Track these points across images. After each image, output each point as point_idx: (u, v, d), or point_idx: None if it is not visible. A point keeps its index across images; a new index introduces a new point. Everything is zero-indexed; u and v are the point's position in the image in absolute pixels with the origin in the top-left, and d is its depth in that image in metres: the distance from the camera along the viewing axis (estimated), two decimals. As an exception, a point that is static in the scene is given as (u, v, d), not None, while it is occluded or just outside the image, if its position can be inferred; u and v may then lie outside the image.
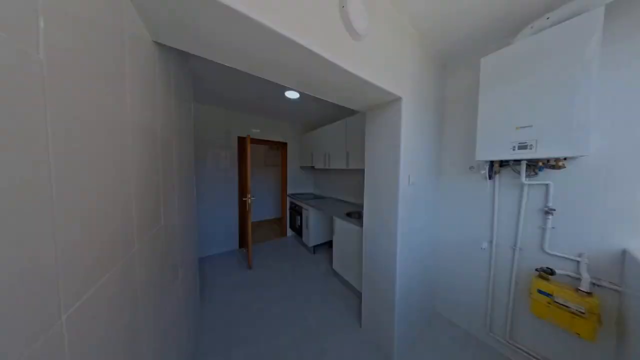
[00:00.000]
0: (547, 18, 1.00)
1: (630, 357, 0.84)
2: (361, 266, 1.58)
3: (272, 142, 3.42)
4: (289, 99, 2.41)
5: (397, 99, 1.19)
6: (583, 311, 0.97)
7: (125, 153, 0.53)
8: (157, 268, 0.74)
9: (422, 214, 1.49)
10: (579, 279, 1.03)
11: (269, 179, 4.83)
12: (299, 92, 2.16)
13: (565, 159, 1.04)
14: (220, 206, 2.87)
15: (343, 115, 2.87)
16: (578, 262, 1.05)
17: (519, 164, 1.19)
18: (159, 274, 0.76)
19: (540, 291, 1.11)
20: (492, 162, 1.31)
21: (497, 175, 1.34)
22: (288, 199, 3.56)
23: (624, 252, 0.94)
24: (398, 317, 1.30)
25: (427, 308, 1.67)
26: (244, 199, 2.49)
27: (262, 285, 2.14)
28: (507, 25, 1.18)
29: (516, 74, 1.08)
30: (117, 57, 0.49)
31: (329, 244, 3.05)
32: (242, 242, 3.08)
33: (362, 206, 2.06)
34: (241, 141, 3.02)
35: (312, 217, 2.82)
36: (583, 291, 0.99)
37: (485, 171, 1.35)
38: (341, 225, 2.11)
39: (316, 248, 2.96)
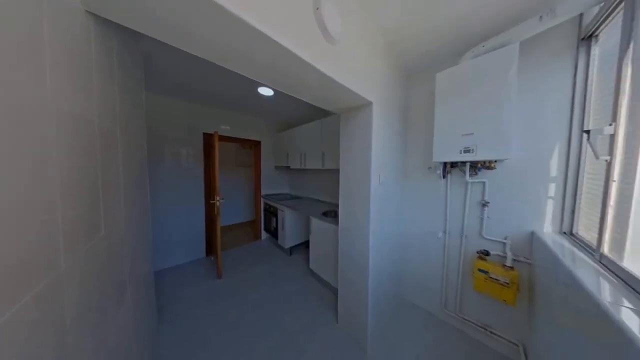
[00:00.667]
0: (483, 46, 1.23)
1: (536, 313, 1.10)
2: (337, 264, 1.63)
3: (244, 140, 3.22)
4: (263, 95, 2.31)
5: (369, 104, 1.28)
6: (508, 282, 1.22)
7: (46, 146, 0.42)
8: (95, 288, 0.62)
9: (390, 211, 1.63)
10: (505, 257, 1.29)
11: (240, 180, 4.52)
12: (273, 90, 2.09)
13: (495, 161, 1.29)
14: (183, 210, 2.56)
15: (319, 116, 2.91)
16: (504, 243, 1.32)
17: (465, 165, 1.42)
18: (98, 295, 0.63)
19: (480, 270, 1.35)
20: (445, 164, 1.52)
21: (449, 175, 1.56)
22: (262, 200, 3.41)
23: (532, 233, 1.22)
24: (371, 309, 1.40)
25: (395, 296, 1.83)
26: (212, 201, 2.27)
27: (234, 293, 2.00)
28: (455, 48, 1.40)
29: (461, 90, 1.29)
30: (30, 21, 0.38)
31: (305, 245, 3.05)
32: (210, 248, 2.81)
33: (337, 205, 2.14)
34: (208, 138, 2.74)
35: (288, 218, 2.77)
36: (508, 266, 1.25)
37: (440, 171, 1.57)
38: (318, 224, 2.13)
39: (292, 249, 2.91)
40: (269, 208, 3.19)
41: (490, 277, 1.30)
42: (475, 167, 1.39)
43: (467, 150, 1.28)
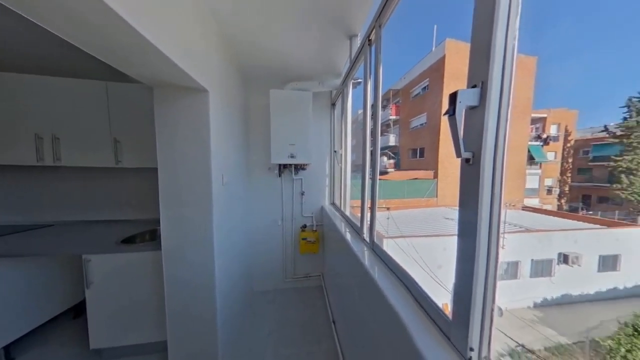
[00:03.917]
0: (297, 83, 1.77)
1: (325, 251, 1.93)
2: (153, 309, 1.17)
3: None
4: None
5: (203, 91, 1.09)
6: (314, 240, 1.97)
7: None
8: None
9: (237, 211, 1.60)
10: (312, 225, 2.05)
11: None
12: None
13: (306, 164, 1.96)
14: None
15: (98, 73, 1.64)
16: (312, 217, 2.09)
17: (292, 167, 1.95)
18: None
19: (303, 238, 1.97)
20: (280, 165, 1.93)
21: (283, 174, 2.00)
22: None
23: (322, 207, 2.11)
24: (221, 332, 1.24)
25: (247, 294, 1.86)
26: None
27: None
28: (281, 76, 1.83)
29: (288, 109, 1.73)
30: None
31: (65, 316, 1.61)
32: None
33: (154, 221, 1.43)
34: None
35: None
36: (314, 230, 2.01)
37: (277, 171, 1.96)
38: (109, 262, 1.26)
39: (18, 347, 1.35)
40: None
41: (307, 241, 1.98)
42: (297, 168, 1.98)
43: (292, 156, 1.77)
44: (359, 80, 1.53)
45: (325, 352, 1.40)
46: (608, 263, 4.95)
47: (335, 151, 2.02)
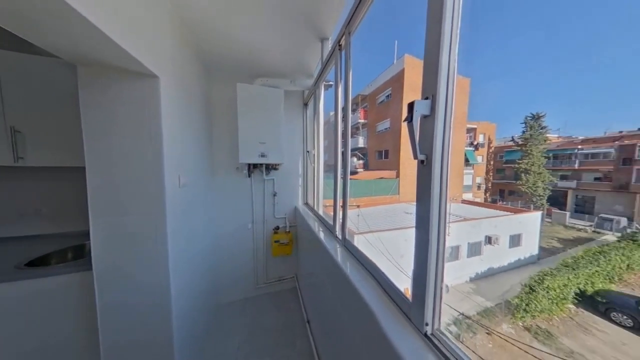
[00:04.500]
0: (267, 79, 1.69)
1: (299, 251, 1.91)
2: (80, 347, 0.93)
3: None
4: None
5: (153, 76, 0.92)
6: (287, 241, 1.92)
7: None
8: None
9: (200, 217, 1.42)
10: (286, 226, 2.00)
11: None
12: None
13: (278, 164, 1.89)
14: None
15: None
16: (285, 218, 2.04)
17: (263, 167, 1.85)
18: None
19: (275, 241, 1.90)
20: (249, 165, 1.80)
21: (252, 174, 1.88)
22: None
23: (295, 207, 2.08)
24: (180, 357, 1.08)
25: (212, 308, 1.67)
26: None
27: None
28: (250, 70, 1.71)
29: (257, 105, 1.63)
30: None
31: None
32: None
33: (80, 235, 1.08)
34: None
35: None
36: (287, 232, 1.96)
37: (246, 171, 1.82)
38: (8, 293, 0.94)
39: None
40: None
41: (280, 243, 1.92)
42: (269, 168, 1.89)
43: (263, 155, 1.68)
44: (331, 82, 1.57)
45: (300, 353, 1.39)
46: (515, 241, 6.52)
47: (308, 151, 2.02)
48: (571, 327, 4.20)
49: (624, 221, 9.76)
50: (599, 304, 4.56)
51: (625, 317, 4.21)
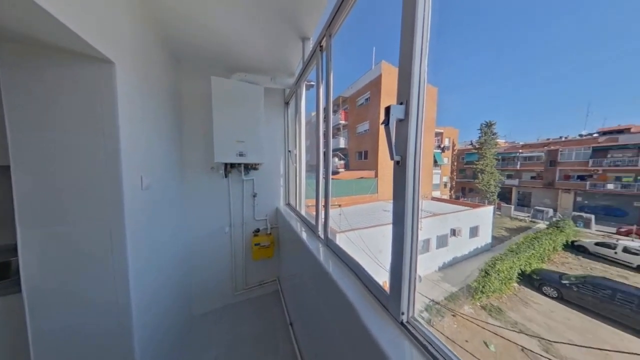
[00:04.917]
0: (245, 75, 1.61)
1: (280, 252, 1.86)
2: None
3: None
4: None
5: (107, 61, 0.80)
6: (268, 244, 1.86)
7: None
8: None
9: (169, 221, 1.28)
10: (267, 228, 1.93)
11: None
12: None
13: (258, 164, 1.82)
14: None
15: None
16: (266, 219, 1.97)
17: (241, 166, 1.75)
18: None
19: (255, 244, 1.82)
20: (226, 164, 1.69)
21: (230, 174, 1.77)
22: None
23: (277, 208, 2.03)
24: None
25: (184, 321, 1.53)
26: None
27: None
28: (227, 64, 1.60)
29: (234, 101, 1.54)
30: None
31: None
32: None
33: (4, 250, 0.85)
34: None
35: None
36: (268, 234, 1.90)
37: (222, 171, 1.71)
38: None
39: None
40: None
41: (261, 245, 1.84)
42: (248, 167, 1.80)
43: (241, 154, 1.59)
44: (312, 83, 1.57)
45: (284, 357, 1.36)
46: (474, 232, 7.49)
47: (289, 151, 1.98)
48: (516, 303, 5.01)
49: (551, 212, 12.05)
50: (534, 280, 5.51)
51: (552, 289, 5.18)
